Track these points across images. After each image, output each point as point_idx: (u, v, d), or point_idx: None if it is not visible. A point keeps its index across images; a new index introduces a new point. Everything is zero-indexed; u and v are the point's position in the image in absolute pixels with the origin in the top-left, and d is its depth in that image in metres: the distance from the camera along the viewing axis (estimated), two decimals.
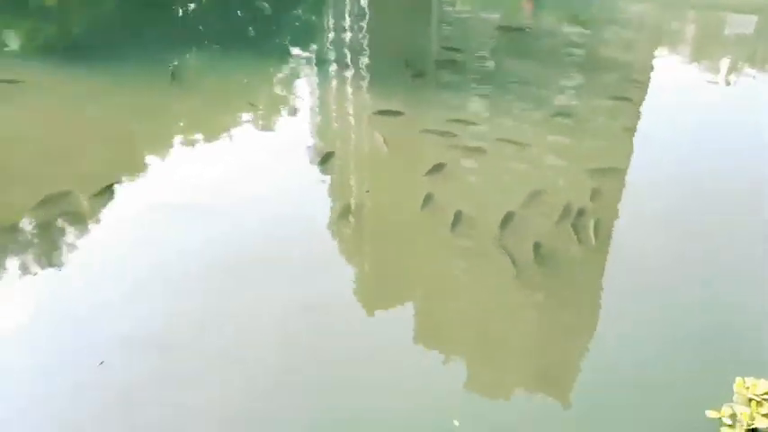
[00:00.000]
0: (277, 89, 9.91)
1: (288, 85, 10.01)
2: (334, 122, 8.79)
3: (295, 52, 11.29)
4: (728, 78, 10.46)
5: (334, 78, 9.94)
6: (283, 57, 10.89)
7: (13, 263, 5.73)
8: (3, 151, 7.39)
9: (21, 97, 8.59)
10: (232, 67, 10.04)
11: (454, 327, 5.30)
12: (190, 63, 10.43)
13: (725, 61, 11.50)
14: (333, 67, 10.36)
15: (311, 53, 11.30)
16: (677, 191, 7.06)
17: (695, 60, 11.66)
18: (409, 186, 6.91)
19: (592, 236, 6.18)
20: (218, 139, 8.08)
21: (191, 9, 13.62)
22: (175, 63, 9.96)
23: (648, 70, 10.71)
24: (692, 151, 7.93)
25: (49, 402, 4.45)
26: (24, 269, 5.67)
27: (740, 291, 5.67)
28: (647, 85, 10.00)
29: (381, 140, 7.74)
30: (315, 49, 11.59)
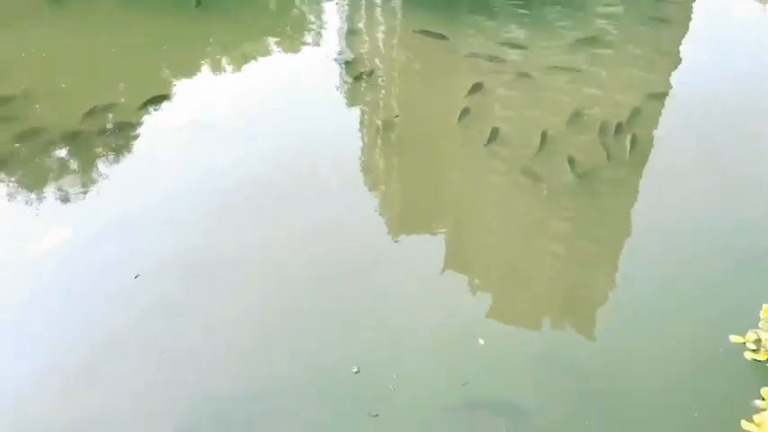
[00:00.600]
0: (305, 8, 9.73)
1: (318, 6, 9.81)
2: (368, 43, 8.68)
3: None
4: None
5: None
6: None
7: (61, 171, 5.99)
8: (47, 68, 7.54)
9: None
10: None
11: (483, 247, 5.39)
12: None
13: None
14: None
15: None
16: (717, 112, 6.96)
17: None
18: (447, 105, 6.92)
19: (627, 153, 6.19)
20: (248, 62, 8.14)
21: None
22: None
23: None
24: (732, 73, 7.77)
25: (88, 311, 4.62)
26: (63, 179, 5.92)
27: None
28: (689, 8, 9.69)
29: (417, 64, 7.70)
30: None
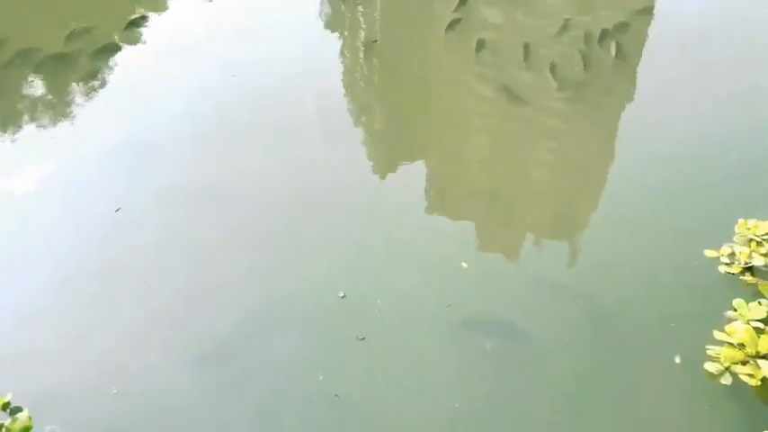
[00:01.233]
0: None
1: None
2: None
3: None
4: None
5: None
6: None
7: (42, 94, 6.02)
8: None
9: None
10: None
11: (466, 169, 5.43)
12: None
13: None
14: None
15: None
16: (704, 25, 6.86)
17: None
18: (434, 21, 6.80)
19: (611, 59, 6.20)
20: None
21: None
22: None
23: None
24: None
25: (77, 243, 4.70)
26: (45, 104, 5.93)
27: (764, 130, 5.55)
28: None
29: None
30: None
